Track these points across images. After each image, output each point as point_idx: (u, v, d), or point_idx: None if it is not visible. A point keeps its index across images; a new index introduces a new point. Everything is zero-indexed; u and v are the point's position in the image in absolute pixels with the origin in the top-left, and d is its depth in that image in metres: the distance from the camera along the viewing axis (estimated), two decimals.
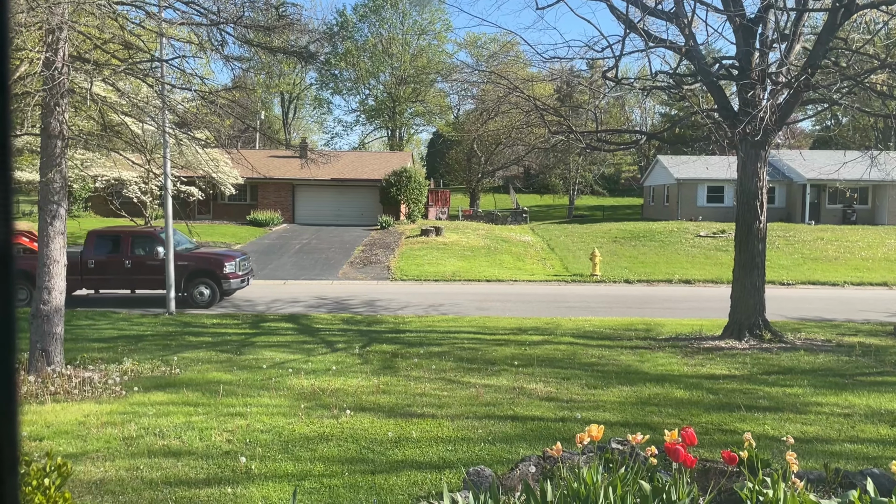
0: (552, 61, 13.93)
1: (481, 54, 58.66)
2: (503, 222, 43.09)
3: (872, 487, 4.17)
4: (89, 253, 17.47)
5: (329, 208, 38.62)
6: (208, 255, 18.56)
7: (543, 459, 4.96)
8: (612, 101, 50.40)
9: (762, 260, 13.17)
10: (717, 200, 40.96)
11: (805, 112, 18.54)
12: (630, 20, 12.38)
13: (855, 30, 16.31)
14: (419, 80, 64.84)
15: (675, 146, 47.62)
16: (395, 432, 7.06)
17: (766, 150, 13.08)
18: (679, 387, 9.25)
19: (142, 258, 17.57)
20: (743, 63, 12.67)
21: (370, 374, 9.92)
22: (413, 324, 14.91)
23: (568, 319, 15.70)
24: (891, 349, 12.23)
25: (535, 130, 34.98)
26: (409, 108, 69.01)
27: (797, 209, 39.63)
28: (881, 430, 7.34)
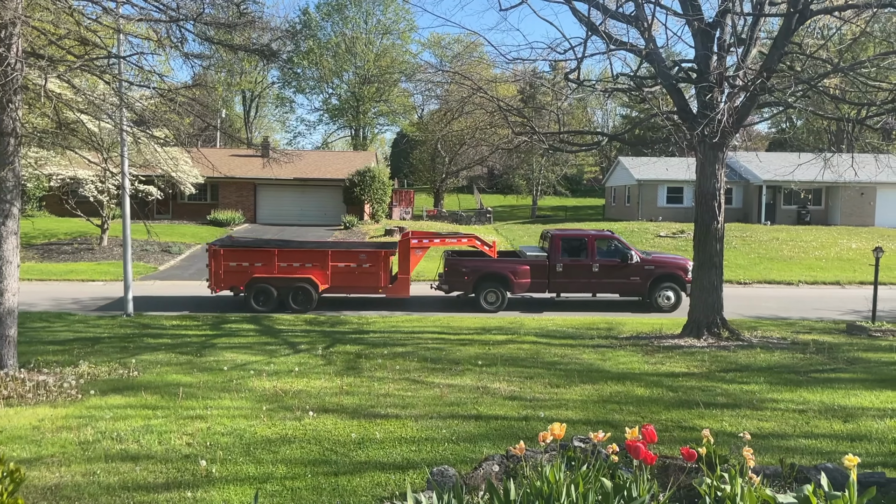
0: (515, 62, 14.03)
1: (445, 54, 58.81)
2: (467, 222, 43.20)
3: (826, 482, 4.28)
4: (556, 257, 17.29)
5: (291, 208, 38.27)
6: (671, 260, 18.21)
7: (507, 458, 4.99)
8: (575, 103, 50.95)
9: (720, 259, 13.43)
10: (677, 201, 41.64)
11: (761, 115, 18.96)
12: (592, 23, 12.52)
13: (809, 35, 16.72)
14: (383, 79, 64.69)
15: (635, 147, 48.35)
16: (358, 433, 7.03)
17: (724, 151, 13.34)
18: (640, 385, 9.39)
19: (608, 261, 17.39)
20: (701, 66, 12.91)
21: (333, 374, 9.87)
22: (377, 324, 14.86)
23: (531, 319, 15.81)
24: (844, 346, 12.57)
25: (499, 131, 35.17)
26: (372, 107, 68.75)
27: (754, 210, 40.50)
28: (834, 425, 7.55)
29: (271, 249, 17.00)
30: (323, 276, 16.84)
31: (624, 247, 17.54)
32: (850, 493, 3.96)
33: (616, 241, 17.78)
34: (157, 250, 26.65)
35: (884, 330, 13.92)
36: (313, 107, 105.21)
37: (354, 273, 16.90)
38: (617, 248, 17.53)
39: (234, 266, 16.74)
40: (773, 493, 4.13)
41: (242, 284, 16.78)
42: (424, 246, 17.70)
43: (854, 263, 25.73)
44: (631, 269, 17.34)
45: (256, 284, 16.75)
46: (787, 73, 13.56)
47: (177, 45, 9.93)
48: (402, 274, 17.27)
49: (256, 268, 16.75)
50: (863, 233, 33.80)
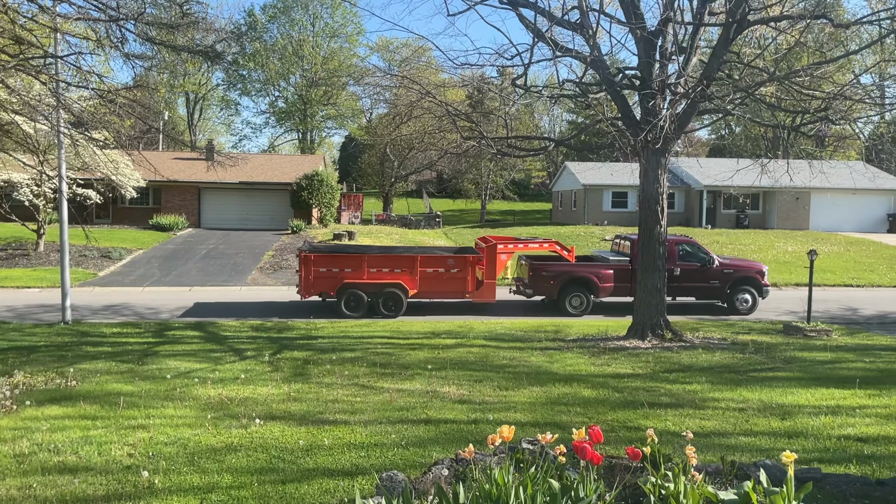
0: (463, 67, 14.08)
1: (394, 59, 58.70)
2: (416, 227, 43.18)
3: (765, 478, 4.41)
4: (637, 261, 16.80)
5: (237, 212, 37.61)
6: (748, 264, 18.78)
7: (456, 462, 5.00)
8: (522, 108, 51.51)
9: (663, 263, 13.74)
10: (622, 205, 42.48)
11: (702, 121, 19.52)
12: (538, 29, 12.69)
13: (747, 44, 17.28)
14: (331, 82, 64.22)
15: (581, 153, 49.08)
16: (306, 440, 6.94)
17: (667, 157, 13.67)
18: (587, 386, 9.53)
19: (689, 265, 17.85)
20: (644, 74, 13.20)
21: (281, 381, 9.73)
22: (326, 329, 14.72)
23: (481, 322, 15.89)
24: (781, 346, 13.01)
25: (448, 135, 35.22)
26: (320, 110, 68.18)
27: (695, 214, 41.60)
28: (773, 423, 7.79)
29: (361, 255, 17.27)
30: (412, 281, 17.08)
31: (704, 251, 18.19)
32: (787, 489, 4.09)
33: (696, 245, 18.42)
34: (96, 256, 25.85)
35: (818, 330, 14.45)
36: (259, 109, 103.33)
37: (442, 278, 17.26)
38: (697, 253, 18.16)
39: (324, 272, 16.84)
40: (715, 491, 4.24)
41: (333, 290, 16.89)
42: (510, 251, 18.11)
43: (790, 266, 26.66)
44: (711, 272, 17.96)
45: (347, 290, 16.86)
46: (726, 81, 13.99)
47: (117, 45, 9.67)
48: (489, 279, 17.58)
49: (346, 273, 16.90)
50: (798, 236, 35.06)
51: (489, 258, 17.58)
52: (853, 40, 37.87)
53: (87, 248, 25.74)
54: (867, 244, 32.79)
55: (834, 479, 4.92)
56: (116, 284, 22.14)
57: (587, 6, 12.83)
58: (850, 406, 8.51)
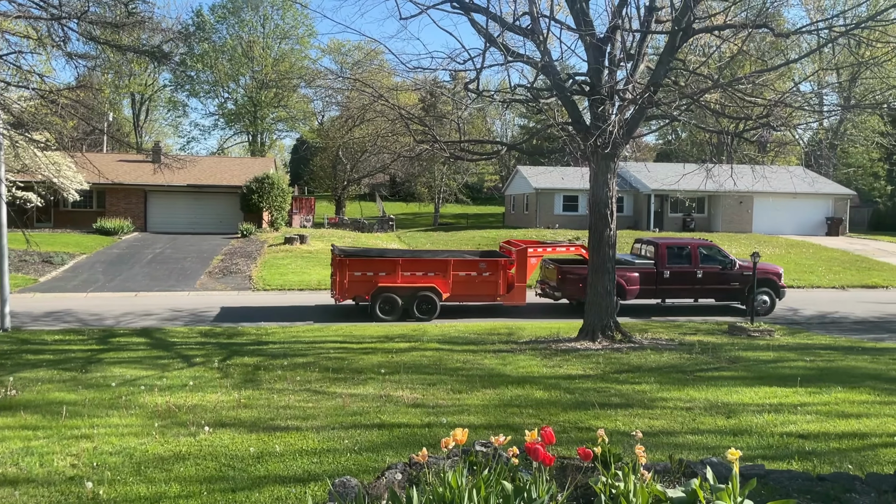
0: (416, 71, 14.09)
1: (346, 61, 58.47)
2: (370, 230, 42.98)
3: (712, 475, 4.53)
4: (663, 264, 18.08)
5: (185, 216, 36.85)
6: (766, 266, 19.02)
7: (409, 466, 4.99)
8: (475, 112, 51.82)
9: (613, 265, 13.98)
10: (573, 209, 43.06)
11: (649, 127, 19.93)
12: (490, 34, 12.78)
13: (692, 52, 17.75)
14: (281, 84, 63.49)
15: (533, 157, 49.62)
16: (257, 447, 6.84)
17: (616, 161, 13.92)
18: (539, 388, 9.62)
19: (710, 268, 18.33)
20: (594, 80, 13.42)
21: (231, 388, 9.56)
22: (277, 335, 14.53)
23: (434, 325, 15.90)
24: (726, 346, 13.36)
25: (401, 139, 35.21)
26: (271, 112, 67.35)
27: (643, 217, 42.44)
28: (718, 421, 7.99)
29: (396, 259, 17.39)
30: (445, 285, 17.23)
31: (724, 254, 18.79)
32: (732, 486, 4.20)
33: (716, 248, 18.94)
34: (37, 261, 25.01)
35: (761, 330, 14.89)
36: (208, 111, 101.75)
37: (475, 281, 17.48)
38: (717, 256, 18.65)
39: (359, 275, 16.86)
40: (664, 489, 4.33)
41: (368, 294, 16.94)
42: (539, 255, 18.33)
43: None
44: (731, 275, 18.46)
45: (382, 293, 16.96)
46: (672, 87, 14.32)
47: (59, 44, 9.39)
48: (519, 282, 17.82)
49: (381, 277, 16.95)
50: (742, 238, 36.07)
51: (520, 262, 17.88)
52: (793, 49, 39.22)
53: (28, 253, 24.88)
54: (807, 246, 33.94)
55: (777, 475, 5.07)
56: (59, 290, 21.46)
57: (538, 12, 12.98)
58: (792, 404, 8.79)
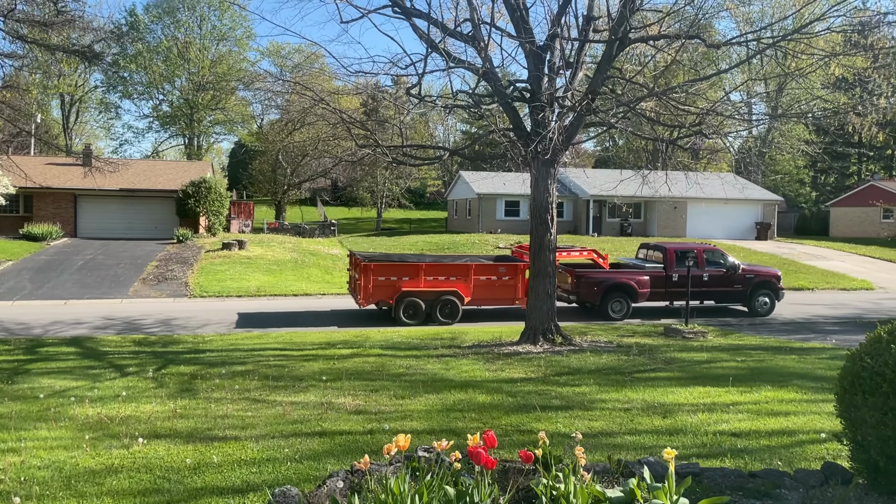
0: (358, 75, 14.03)
1: (286, 64, 57.72)
2: (311, 235, 42.49)
3: (649, 474, 4.63)
4: (671, 268, 18.72)
5: (118, 221, 35.70)
6: (766, 269, 20.18)
7: (351, 473, 4.95)
8: (417, 117, 51.86)
9: (553, 269, 14.18)
10: (514, 214, 43.53)
11: (588, 133, 20.39)
12: (432, 40, 12.82)
13: (629, 61, 18.18)
14: (219, 87, 62.27)
15: (475, 162, 49.95)
16: (194, 458, 6.66)
17: (556, 167, 14.13)
18: (481, 392, 9.67)
19: (716, 271, 19.02)
20: (534, 87, 13.61)
21: (166, 398, 9.29)
22: (214, 342, 14.20)
23: (377, 331, 15.81)
24: (662, 347, 13.70)
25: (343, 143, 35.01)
26: (208, 115, 65.91)
27: (583, 222, 43.22)
28: (655, 421, 8.18)
29: (419, 264, 17.63)
30: (466, 289, 17.55)
31: (728, 258, 19.50)
32: (669, 484, 4.31)
33: (720, 252, 19.70)
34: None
35: (695, 332, 15.33)
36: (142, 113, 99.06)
37: (495, 285, 17.83)
38: (721, 259, 19.35)
39: (382, 280, 17.04)
40: (603, 489, 4.41)
41: (392, 298, 17.15)
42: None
43: None
44: (735, 277, 19.19)
45: (406, 298, 17.15)
46: (609, 95, 14.64)
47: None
48: None
49: (404, 282, 17.17)
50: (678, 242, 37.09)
51: None
52: (724, 60, 40.66)
53: None
54: (738, 250, 35.14)
55: (711, 472, 5.22)
56: None
57: (479, 19, 13.09)
58: (725, 403, 9.07)
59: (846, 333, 16.45)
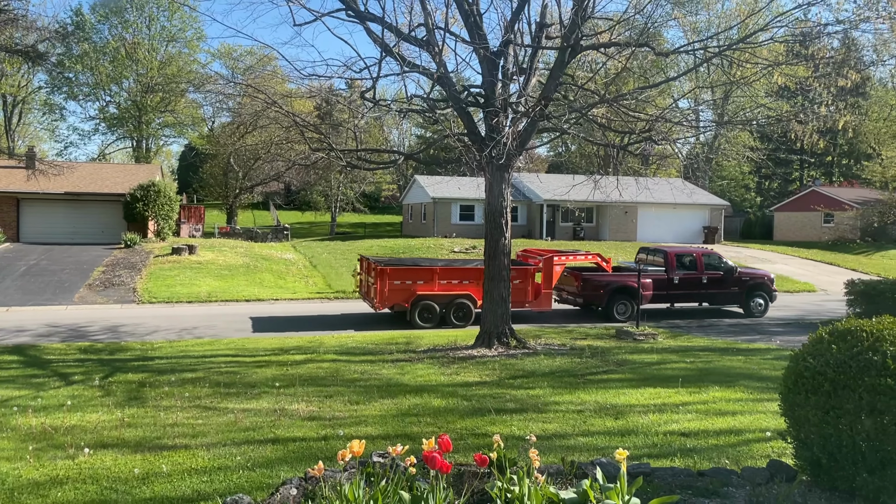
0: (311, 78, 13.91)
1: (237, 66, 56.93)
2: (263, 240, 41.91)
3: (601, 475, 4.70)
4: (672, 271, 19.38)
5: (63, 225, 34.64)
6: (760, 272, 20.82)
7: (305, 480, 4.90)
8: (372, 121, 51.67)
9: (508, 273, 14.28)
10: (469, 218, 43.71)
11: (541, 139, 20.59)
12: (386, 44, 12.81)
13: (580, 68, 18.45)
14: (168, 88, 60.96)
15: (430, 167, 50.02)
16: (142, 468, 6.50)
17: (510, 172, 14.24)
18: (437, 396, 9.67)
19: (714, 274, 19.71)
20: (488, 92, 13.70)
21: (113, 406, 9.05)
22: (164, 349, 13.90)
23: (331, 336, 15.68)
24: (613, 350, 13.91)
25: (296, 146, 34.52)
26: (157, 117, 64.45)
27: (536, 226, 43.64)
28: (607, 422, 8.31)
29: (433, 268, 17.83)
30: (479, 292, 17.21)
31: (725, 261, 20.20)
32: (621, 485, 4.38)
33: (717, 256, 20.40)
34: None
35: (646, 334, 15.61)
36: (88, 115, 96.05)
37: None
38: (719, 263, 20.07)
39: (398, 284, 17.23)
40: (557, 490, 4.45)
41: (407, 302, 17.38)
42: (563, 262, 19.07)
43: None
44: (732, 280, 19.86)
45: (421, 301, 17.40)
46: (562, 101, 14.84)
47: None
48: (546, 289, 18.51)
49: (419, 286, 17.38)
50: (628, 247, 37.74)
51: (546, 269, 18.56)
52: (672, 68, 41.58)
53: None
54: None
55: (662, 472, 5.32)
56: None
57: (433, 24, 13.13)
58: (675, 403, 9.27)
59: (790, 334, 16.97)
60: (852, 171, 60.49)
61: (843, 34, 18.96)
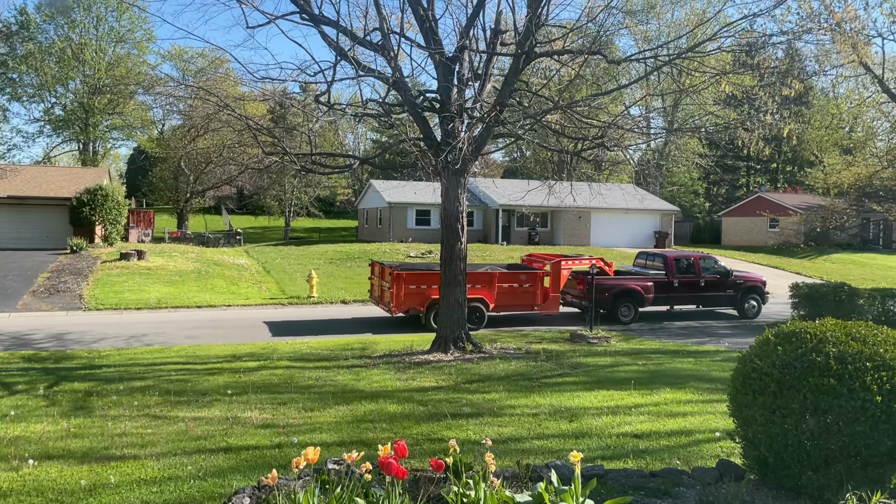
0: (264, 82, 13.76)
1: (189, 68, 55.83)
2: (215, 245, 41.21)
3: (556, 478, 4.74)
4: (672, 274, 20.10)
5: (6, 230, 33.47)
6: (754, 275, 21.89)
7: (258, 489, 4.82)
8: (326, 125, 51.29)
9: (464, 278, 14.32)
10: (425, 223, 43.71)
11: (496, 144, 20.83)
12: (341, 48, 12.75)
13: (535, 75, 18.64)
14: (117, 90, 59.47)
15: (386, 171, 49.90)
16: (89, 479, 6.32)
17: (466, 177, 14.30)
18: (392, 402, 9.64)
19: (711, 277, 20.43)
20: (444, 97, 13.74)
21: (59, 416, 8.78)
22: (112, 357, 13.54)
23: (285, 343, 15.49)
24: (568, 353, 14.06)
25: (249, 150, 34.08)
26: (105, 120, 62.80)
27: (492, 231, 43.88)
28: (562, 425, 8.39)
29: None
30: (491, 296, 18.26)
31: (721, 265, 21.03)
32: (575, 487, 4.42)
33: (713, 260, 21.21)
34: None
35: (599, 337, 15.83)
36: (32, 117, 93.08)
37: (517, 292, 18.63)
38: (716, 266, 20.82)
39: (413, 289, 17.55)
40: (512, 494, 4.48)
41: (422, 305, 17.70)
42: (569, 266, 19.72)
43: None
44: (728, 283, 20.66)
45: (435, 305, 17.05)
46: (517, 107, 14.96)
47: None
48: (553, 293, 19.07)
49: (433, 290, 17.29)
50: (581, 251, 38.19)
51: (554, 273, 19.14)
52: (624, 76, 42.28)
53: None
54: None
55: (615, 473, 5.40)
56: None
57: (388, 29, 13.12)
58: (627, 405, 9.41)
59: (738, 336, 17.41)
60: (796, 177, 62.41)
61: (787, 45, 19.59)
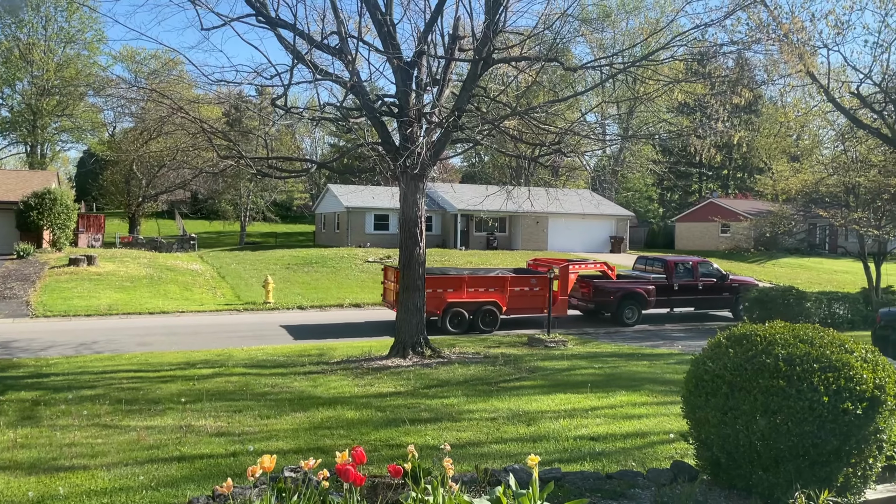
0: (219, 84, 13.58)
1: (141, 70, 54.66)
2: (168, 250, 40.41)
3: (514, 482, 4.76)
4: (672, 278, 20.84)
5: None
6: (746, 279, 22.93)
7: (213, 499, 4.73)
8: (283, 129, 50.78)
9: (423, 283, 14.31)
10: (384, 228, 43.57)
11: (455, 149, 20.86)
12: (298, 51, 12.63)
13: (493, 81, 18.75)
14: (66, 92, 57.89)
15: (344, 175, 49.65)
16: (37, 491, 6.12)
17: (424, 182, 14.31)
18: (350, 408, 9.56)
19: (708, 280, 21.28)
20: (402, 102, 13.73)
21: (4, 426, 8.49)
22: (60, 366, 13.15)
23: (241, 349, 15.26)
24: (526, 357, 14.16)
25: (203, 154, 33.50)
26: (53, 122, 61.08)
27: (451, 236, 43.98)
28: (520, 429, 8.43)
29: (462, 277, 18.90)
30: (503, 300, 18.82)
31: (717, 269, 21.75)
32: (533, 490, 4.45)
33: (709, 264, 21.93)
34: None
35: (556, 340, 15.98)
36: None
37: (527, 296, 19.14)
38: (712, 270, 21.59)
39: (430, 292, 17.23)
40: (471, 499, 4.48)
41: (439, 309, 18.10)
42: (576, 270, 20.29)
43: None
44: (723, 287, 21.48)
45: (452, 308, 18.33)
46: (475, 113, 15.03)
47: None
48: (562, 296, 19.51)
49: (449, 293, 18.28)
50: (539, 256, 38.56)
51: (563, 277, 19.57)
52: (580, 83, 42.87)
53: None
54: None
55: (572, 476, 5.45)
56: None
57: (346, 32, 13.06)
58: (584, 408, 9.51)
59: (691, 339, 17.76)
60: (746, 184, 64.04)
61: (738, 55, 20.11)
